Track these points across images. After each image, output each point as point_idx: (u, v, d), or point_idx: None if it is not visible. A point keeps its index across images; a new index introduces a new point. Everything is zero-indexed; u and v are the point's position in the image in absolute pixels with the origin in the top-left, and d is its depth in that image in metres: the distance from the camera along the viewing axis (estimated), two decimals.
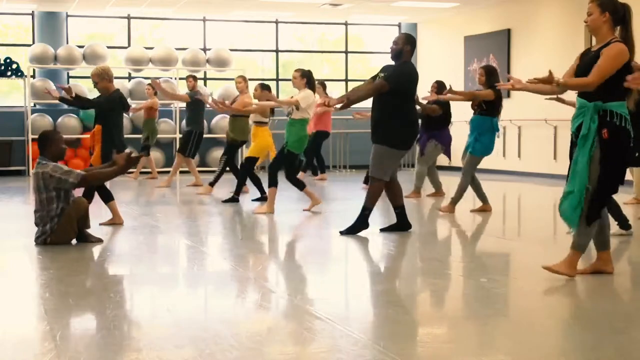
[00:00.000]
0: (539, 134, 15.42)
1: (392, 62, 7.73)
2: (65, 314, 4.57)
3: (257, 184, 10.79)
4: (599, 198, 5.38)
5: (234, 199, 10.77)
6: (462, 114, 13.15)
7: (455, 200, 9.44)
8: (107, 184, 8.47)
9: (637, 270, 6.17)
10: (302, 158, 12.91)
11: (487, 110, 9.34)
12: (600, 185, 5.35)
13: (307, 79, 9.40)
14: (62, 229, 6.98)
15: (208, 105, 12.90)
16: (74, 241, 7.12)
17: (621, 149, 5.36)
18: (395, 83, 7.47)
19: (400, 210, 7.83)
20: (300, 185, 9.51)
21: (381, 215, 8.89)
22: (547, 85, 5.44)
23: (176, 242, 7.73)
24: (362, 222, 7.70)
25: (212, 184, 12.01)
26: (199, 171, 14.28)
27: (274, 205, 9.46)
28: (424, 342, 4.15)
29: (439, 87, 11.44)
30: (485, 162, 12.64)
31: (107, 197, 8.22)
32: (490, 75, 9.40)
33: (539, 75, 5.49)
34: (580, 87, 5.40)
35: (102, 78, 8.27)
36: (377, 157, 7.61)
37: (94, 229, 7.45)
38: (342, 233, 7.66)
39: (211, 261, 6.66)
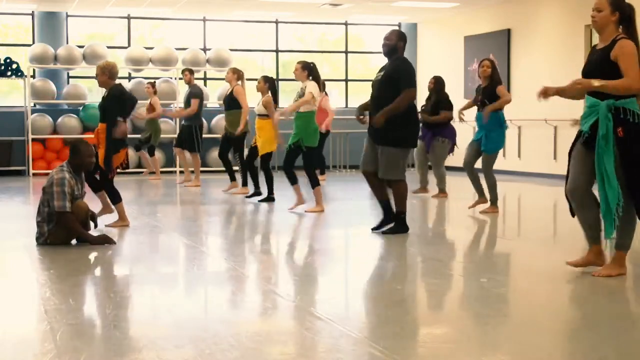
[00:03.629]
0: (539, 134, 15.42)
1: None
2: (65, 314, 4.57)
3: (269, 182, 10.72)
4: (638, 196, 5.37)
5: (270, 199, 10.70)
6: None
7: (493, 199, 9.50)
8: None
9: (638, 270, 6.17)
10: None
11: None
12: (631, 186, 5.34)
13: (308, 71, 9.41)
14: (61, 230, 6.98)
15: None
16: (74, 241, 7.12)
17: (639, 146, 5.35)
18: (414, 83, 7.57)
19: (386, 203, 7.82)
20: (314, 183, 9.48)
21: (379, 215, 8.88)
22: (575, 89, 5.38)
23: (176, 242, 7.73)
24: (401, 226, 7.71)
25: (244, 184, 11.96)
26: (200, 171, 14.26)
27: (322, 202, 9.52)
28: (424, 342, 4.15)
29: (437, 82, 11.45)
30: None
31: (115, 198, 8.19)
32: (495, 69, 9.43)
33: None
34: (622, 90, 5.31)
35: (103, 72, 8.23)
36: (390, 160, 7.56)
37: (99, 230, 7.45)
38: (384, 232, 7.66)
39: (211, 261, 6.66)
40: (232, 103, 11.71)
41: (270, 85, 10.73)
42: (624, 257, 5.57)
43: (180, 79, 15.75)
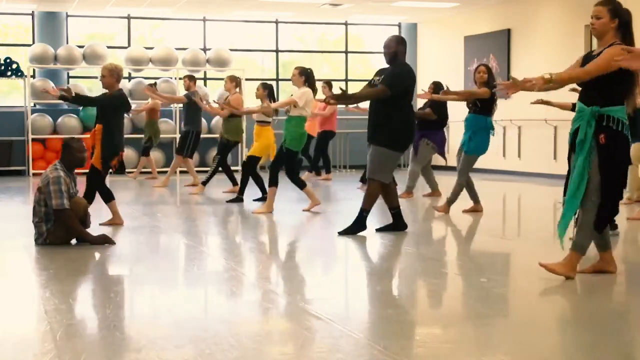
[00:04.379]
0: (539, 134, 15.42)
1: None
2: (65, 314, 4.57)
3: (259, 183, 10.77)
4: (607, 205, 5.35)
5: (238, 199, 10.76)
6: (458, 114, 13.14)
7: (451, 200, 9.42)
8: (107, 183, 8.46)
9: (637, 271, 6.17)
10: (301, 157, 12.85)
11: (482, 109, 9.33)
12: (604, 192, 5.32)
13: (305, 77, 9.40)
14: (61, 229, 6.98)
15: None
16: (73, 241, 7.12)
17: (619, 154, 5.33)
18: (396, 88, 7.47)
19: (396, 210, 7.83)
20: (301, 185, 9.52)
21: (379, 215, 8.89)
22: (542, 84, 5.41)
23: (176, 242, 7.73)
24: (360, 224, 7.70)
25: (204, 183, 12.09)
26: (198, 171, 14.29)
27: (273, 204, 9.47)
28: (424, 342, 4.15)
29: (436, 87, 11.46)
30: (486, 162, 12.68)
31: (108, 197, 8.21)
32: (490, 75, 9.45)
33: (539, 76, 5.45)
34: (573, 79, 5.35)
35: (111, 74, 8.27)
36: (377, 159, 7.59)
37: (94, 229, 7.44)
38: (340, 233, 7.67)
39: (211, 261, 6.66)
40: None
41: (269, 92, 10.75)
42: (577, 259, 5.46)
43: (182, 79, 15.78)
